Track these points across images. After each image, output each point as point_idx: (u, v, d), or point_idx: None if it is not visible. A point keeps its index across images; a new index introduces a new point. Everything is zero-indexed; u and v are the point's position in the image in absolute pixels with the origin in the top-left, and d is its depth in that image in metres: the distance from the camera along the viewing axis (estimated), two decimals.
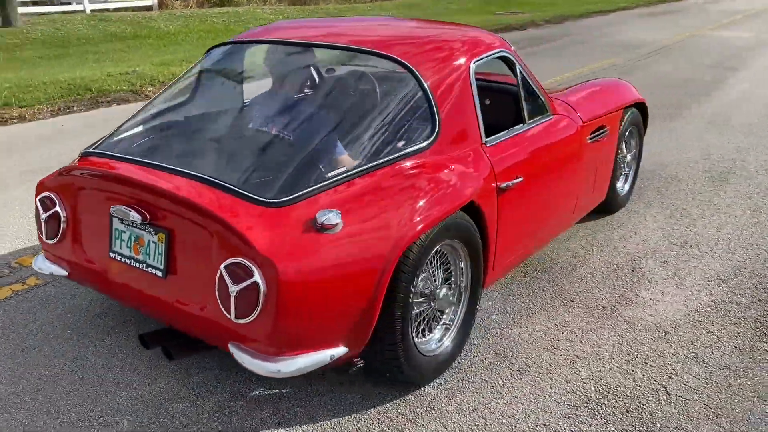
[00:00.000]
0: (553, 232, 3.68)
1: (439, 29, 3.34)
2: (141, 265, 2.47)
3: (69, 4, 16.53)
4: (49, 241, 2.77)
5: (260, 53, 3.21)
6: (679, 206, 4.69)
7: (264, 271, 2.11)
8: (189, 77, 3.29)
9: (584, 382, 2.77)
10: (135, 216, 2.40)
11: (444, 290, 2.74)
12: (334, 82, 3.25)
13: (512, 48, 3.33)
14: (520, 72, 3.29)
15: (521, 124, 3.26)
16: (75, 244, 2.72)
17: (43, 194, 2.76)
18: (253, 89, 3.18)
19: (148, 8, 17.50)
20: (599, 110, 3.92)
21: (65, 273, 2.77)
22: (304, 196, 2.33)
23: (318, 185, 2.38)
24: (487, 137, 2.98)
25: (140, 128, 2.98)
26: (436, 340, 2.78)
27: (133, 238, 2.50)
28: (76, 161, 2.81)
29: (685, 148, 6.04)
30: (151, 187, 2.40)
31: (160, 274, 2.43)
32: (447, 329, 2.83)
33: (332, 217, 2.23)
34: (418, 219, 2.41)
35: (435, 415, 2.57)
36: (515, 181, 3.01)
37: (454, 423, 2.52)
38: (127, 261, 2.52)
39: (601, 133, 3.90)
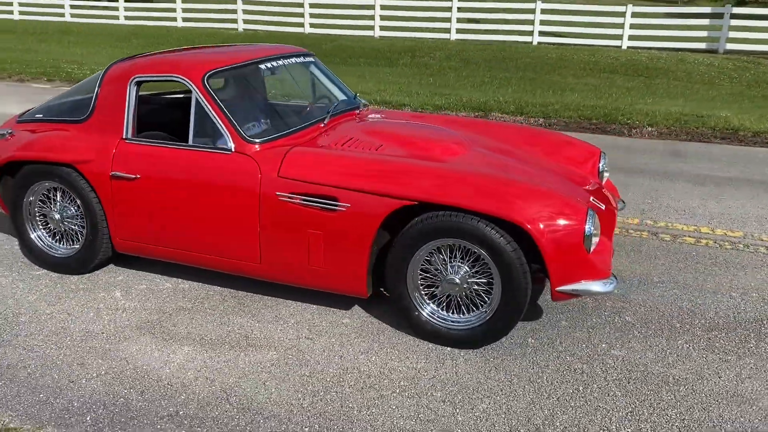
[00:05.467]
0: (213, 255, 3.80)
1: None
2: None
3: None
4: None
5: None
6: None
7: None
8: None
9: None
10: None
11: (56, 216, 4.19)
12: None
13: (202, 83, 3.70)
14: (196, 100, 3.75)
15: (184, 143, 3.87)
16: None
17: None
18: None
19: None
20: (327, 177, 3.51)
21: None
22: (20, 122, 4.43)
23: (23, 118, 4.40)
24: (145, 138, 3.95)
25: None
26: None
27: None
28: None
29: None
30: None
31: None
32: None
33: (6, 130, 4.34)
34: (16, 152, 4.13)
35: None
36: (129, 175, 3.86)
37: None
38: None
39: (330, 204, 3.47)
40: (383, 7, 19.47)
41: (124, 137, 3.90)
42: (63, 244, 4.24)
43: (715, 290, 4.19)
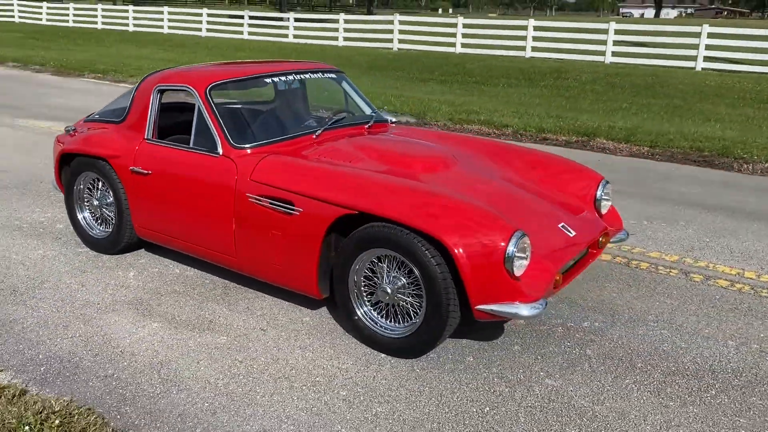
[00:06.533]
0: (202, 246, 4.23)
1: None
2: None
3: None
4: None
5: None
6: None
7: None
8: None
9: None
10: None
11: (96, 202, 4.88)
12: None
13: (204, 93, 4.13)
14: (198, 109, 4.24)
15: (187, 144, 4.37)
16: None
17: None
18: None
19: None
20: (288, 183, 3.79)
21: None
22: (85, 121, 5.20)
23: (87, 118, 5.16)
24: (163, 140, 4.48)
25: None
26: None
27: None
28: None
29: None
30: None
31: None
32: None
33: (71, 127, 5.14)
34: (71, 146, 4.89)
35: None
36: (144, 171, 4.44)
37: None
38: None
39: (287, 208, 3.74)
40: (536, 29, 19.31)
41: (146, 138, 4.47)
42: (101, 227, 4.90)
43: (711, 336, 3.90)
